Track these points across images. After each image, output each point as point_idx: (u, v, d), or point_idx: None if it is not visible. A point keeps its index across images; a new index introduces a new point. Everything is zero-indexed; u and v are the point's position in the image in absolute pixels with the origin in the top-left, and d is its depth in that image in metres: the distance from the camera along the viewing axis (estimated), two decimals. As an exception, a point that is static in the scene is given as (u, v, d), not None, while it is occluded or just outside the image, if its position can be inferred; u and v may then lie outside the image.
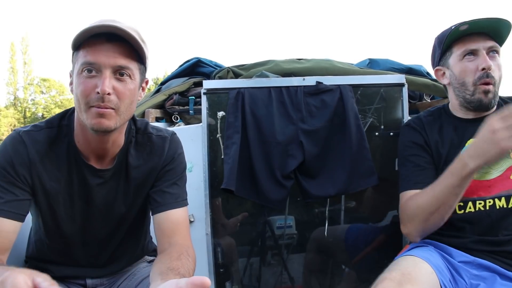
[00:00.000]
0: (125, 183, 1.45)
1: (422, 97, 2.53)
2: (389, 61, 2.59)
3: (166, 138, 1.49)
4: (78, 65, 1.23)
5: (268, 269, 2.29)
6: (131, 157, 1.44)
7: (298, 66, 2.35)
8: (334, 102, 2.09)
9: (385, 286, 1.32)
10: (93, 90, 1.22)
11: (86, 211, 1.43)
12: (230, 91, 2.11)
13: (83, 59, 1.22)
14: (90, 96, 1.22)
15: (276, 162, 2.07)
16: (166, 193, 1.45)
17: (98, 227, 1.47)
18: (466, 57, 1.63)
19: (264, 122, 2.09)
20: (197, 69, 2.61)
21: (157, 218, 1.43)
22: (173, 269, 1.21)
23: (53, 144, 1.35)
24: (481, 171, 1.58)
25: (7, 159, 1.29)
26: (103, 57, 1.22)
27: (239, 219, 2.26)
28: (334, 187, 2.07)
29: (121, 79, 1.26)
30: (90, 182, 1.39)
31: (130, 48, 1.27)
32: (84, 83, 1.23)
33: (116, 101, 1.25)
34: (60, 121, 1.39)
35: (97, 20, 1.27)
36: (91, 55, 1.22)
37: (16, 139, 1.32)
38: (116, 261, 1.57)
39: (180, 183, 1.50)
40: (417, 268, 1.42)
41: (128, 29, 1.24)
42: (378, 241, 2.21)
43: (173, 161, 1.49)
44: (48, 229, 1.43)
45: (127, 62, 1.26)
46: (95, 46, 1.22)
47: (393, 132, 2.17)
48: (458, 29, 1.61)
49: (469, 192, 1.56)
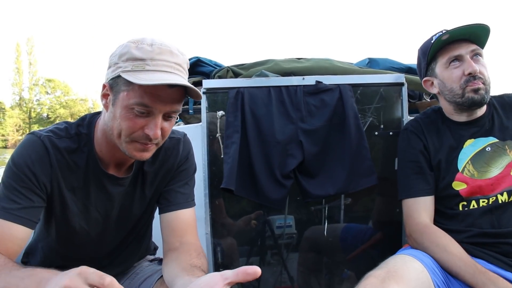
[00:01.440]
0: (142, 190, 1.43)
1: (422, 96, 2.50)
2: (388, 61, 2.57)
3: (179, 140, 1.48)
4: (131, 100, 1.16)
5: (267, 269, 2.27)
6: (147, 163, 1.42)
7: (298, 66, 2.33)
8: (334, 101, 2.07)
9: (367, 283, 1.32)
10: (141, 129, 1.19)
11: (101, 221, 1.39)
12: (230, 90, 2.09)
13: (139, 99, 1.15)
14: (136, 133, 1.19)
15: (276, 162, 2.05)
16: (178, 192, 1.45)
17: (112, 236, 1.45)
18: (452, 63, 1.66)
19: (264, 122, 2.07)
20: (196, 69, 2.57)
21: (167, 217, 1.42)
22: (196, 266, 1.21)
23: (72, 154, 1.30)
24: (481, 170, 1.61)
25: (28, 164, 1.22)
26: (161, 103, 1.17)
27: (252, 217, 2.26)
28: (334, 187, 2.05)
29: (169, 119, 1.24)
30: (111, 191, 1.36)
31: (183, 92, 1.23)
32: (133, 120, 1.18)
33: (160, 139, 1.24)
34: (78, 129, 1.33)
35: (153, 47, 1.18)
36: (149, 99, 1.15)
37: (38, 144, 1.25)
38: (121, 262, 1.56)
39: (191, 183, 1.51)
40: (405, 266, 1.42)
41: (186, 76, 1.22)
42: (376, 240, 2.20)
43: (186, 161, 1.49)
44: (60, 238, 1.39)
45: (179, 106, 1.23)
46: (155, 90, 1.15)
47: (392, 132, 2.16)
48: (440, 39, 1.64)
49: (473, 192, 1.60)
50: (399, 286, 1.30)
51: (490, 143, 1.65)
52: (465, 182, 1.62)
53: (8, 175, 1.22)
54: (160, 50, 1.17)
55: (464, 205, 1.62)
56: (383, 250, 1.69)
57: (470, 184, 1.61)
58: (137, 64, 1.15)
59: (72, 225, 1.35)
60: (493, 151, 1.63)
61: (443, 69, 1.69)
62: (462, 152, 1.66)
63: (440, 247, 1.51)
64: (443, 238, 1.54)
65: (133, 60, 1.16)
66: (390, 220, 2.23)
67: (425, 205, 1.65)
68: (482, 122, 1.69)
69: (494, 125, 1.68)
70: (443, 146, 1.69)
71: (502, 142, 1.64)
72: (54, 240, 1.41)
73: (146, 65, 1.15)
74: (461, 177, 1.63)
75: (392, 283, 1.30)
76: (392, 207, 2.19)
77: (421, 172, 1.69)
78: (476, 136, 1.67)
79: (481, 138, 1.66)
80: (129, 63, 1.16)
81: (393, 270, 1.38)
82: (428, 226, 1.60)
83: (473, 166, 1.63)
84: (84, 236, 1.39)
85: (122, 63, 1.17)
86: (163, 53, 1.18)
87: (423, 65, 1.76)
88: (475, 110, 1.68)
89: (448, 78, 1.67)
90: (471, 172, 1.62)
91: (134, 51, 1.16)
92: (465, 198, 1.61)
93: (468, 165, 1.63)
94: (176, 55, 1.21)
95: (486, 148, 1.64)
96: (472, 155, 1.64)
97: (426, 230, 1.59)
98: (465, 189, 1.61)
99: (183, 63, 1.22)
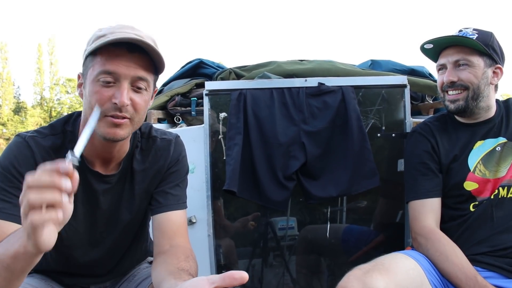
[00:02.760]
0: (130, 188, 1.41)
1: (424, 98, 2.49)
2: (391, 62, 2.55)
3: (171, 141, 1.46)
4: (95, 72, 1.17)
5: (270, 270, 2.26)
6: (136, 162, 1.40)
7: (300, 67, 2.31)
8: (336, 103, 2.05)
9: (351, 274, 1.34)
10: (109, 99, 1.17)
11: (90, 219, 1.38)
12: (232, 92, 2.08)
13: (102, 67, 1.16)
14: (106, 105, 1.17)
15: (278, 163, 2.04)
16: (168, 194, 1.42)
17: (102, 236, 1.42)
18: (440, 71, 1.72)
19: (266, 123, 2.06)
20: (199, 71, 2.59)
21: (158, 219, 1.40)
22: (183, 269, 1.18)
23: (57, 151, 1.28)
24: (492, 170, 1.61)
25: (12, 163, 1.23)
26: (123, 67, 1.17)
27: (249, 219, 2.24)
28: (336, 188, 2.03)
29: (138, 91, 1.21)
30: (96, 188, 1.35)
31: (150, 60, 1.22)
32: (100, 92, 1.17)
33: (132, 112, 1.21)
34: (64, 126, 1.33)
35: (115, 25, 1.22)
36: (111, 64, 1.16)
37: (21, 144, 1.26)
38: (119, 266, 1.54)
39: (182, 185, 1.48)
40: (393, 261, 1.43)
41: (149, 41, 1.19)
42: (378, 242, 2.18)
43: (177, 163, 1.46)
44: None
45: (146, 74, 1.22)
46: (115, 55, 1.16)
47: (395, 133, 2.13)
48: (423, 47, 1.72)
49: (487, 192, 1.61)
50: (382, 278, 1.31)
51: (500, 143, 1.64)
52: (477, 182, 1.61)
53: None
54: (122, 26, 1.20)
55: (476, 204, 1.61)
56: (385, 252, 1.67)
57: (481, 184, 1.60)
58: (98, 40, 1.17)
59: None
60: (502, 151, 1.62)
61: (438, 75, 1.75)
62: (472, 153, 1.65)
63: (443, 256, 1.50)
64: (447, 246, 1.52)
65: (95, 39, 1.18)
66: (392, 222, 2.20)
67: (431, 208, 1.63)
68: (492, 123, 1.69)
69: (503, 125, 1.67)
70: (454, 147, 1.68)
71: (511, 142, 1.64)
72: None
73: (106, 36, 1.16)
74: (473, 177, 1.62)
75: (376, 274, 1.31)
76: (394, 209, 2.16)
77: (428, 174, 1.67)
78: (486, 137, 1.66)
79: (491, 139, 1.66)
80: (93, 44, 1.18)
81: (380, 263, 1.39)
82: (433, 231, 1.58)
83: (484, 166, 1.62)
84: (72, 234, 1.36)
85: (87, 46, 1.20)
86: (125, 28, 1.19)
87: None
88: (471, 115, 1.69)
89: (437, 83, 1.74)
90: (482, 172, 1.62)
91: (97, 33, 1.20)
92: (478, 199, 1.60)
93: (480, 165, 1.62)
94: (139, 30, 1.21)
95: (496, 148, 1.63)
96: (482, 155, 1.64)
97: (431, 236, 1.57)
98: (477, 189, 1.60)
99: (146, 36, 1.20)
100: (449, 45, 1.66)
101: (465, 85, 1.63)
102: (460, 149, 1.67)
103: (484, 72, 1.62)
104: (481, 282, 1.40)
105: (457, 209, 1.64)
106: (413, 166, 1.73)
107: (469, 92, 1.63)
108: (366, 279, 1.30)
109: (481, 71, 1.62)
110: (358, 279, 1.31)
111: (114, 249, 1.48)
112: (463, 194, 1.62)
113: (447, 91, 1.67)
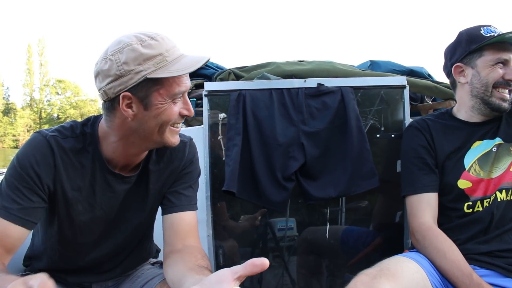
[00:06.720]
0: (145, 187, 1.42)
1: (424, 99, 2.47)
2: (390, 63, 2.53)
3: (186, 143, 1.47)
4: (170, 94, 1.20)
5: (269, 271, 2.23)
6: (152, 163, 1.41)
7: (299, 68, 2.28)
8: (335, 104, 2.03)
9: (358, 280, 1.32)
10: (177, 113, 1.24)
11: (106, 218, 1.39)
12: (231, 93, 2.05)
13: (177, 89, 1.20)
14: (175, 118, 1.25)
15: (277, 164, 2.01)
16: (181, 194, 1.44)
17: (114, 235, 1.43)
18: (498, 64, 1.62)
19: (265, 124, 2.03)
20: (198, 71, 2.52)
21: (170, 218, 1.41)
22: (202, 266, 1.21)
23: (78, 153, 1.30)
24: (486, 170, 1.60)
25: (32, 165, 1.22)
26: (187, 83, 1.24)
27: (257, 216, 2.23)
28: (336, 189, 2.00)
29: None
30: (117, 188, 1.36)
31: None
32: (172, 109, 1.22)
33: None
34: (83, 128, 1.33)
35: (160, 40, 1.21)
36: (182, 85, 1.22)
37: (43, 143, 1.25)
38: (124, 265, 1.54)
39: (194, 186, 1.49)
40: (398, 265, 1.42)
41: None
42: (377, 244, 2.15)
43: (191, 164, 1.48)
44: (63, 238, 1.38)
45: None
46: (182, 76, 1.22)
47: (394, 134, 2.11)
48: (504, 36, 1.59)
49: (479, 192, 1.59)
50: (390, 284, 1.30)
51: (496, 143, 1.63)
52: (471, 181, 1.60)
53: (12, 173, 1.23)
54: (162, 39, 1.20)
55: (470, 205, 1.59)
56: (384, 254, 1.66)
57: (475, 183, 1.59)
58: (158, 61, 1.16)
59: (75, 224, 1.34)
60: (498, 152, 1.62)
61: (487, 66, 1.63)
62: (469, 152, 1.64)
63: (440, 253, 1.49)
64: (443, 243, 1.51)
65: (150, 59, 1.16)
66: (391, 223, 2.19)
67: (428, 203, 1.62)
68: (491, 124, 1.67)
69: (501, 126, 1.66)
70: (451, 144, 1.66)
71: (507, 143, 1.63)
72: (56, 241, 1.40)
73: (165, 58, 1.18)
74: (467, 175, 1.61)
75: (383, 280, 1.30)
76: (393, 210, 2.14)
77: (425, 168, 1.66)
78: (484, 138, 1.65)
79: (489, 140, 1.65)
80: (148, 63, 1.16)
81: (386, 268, 1.37)
82: (430, 228, 1.57)
83: (480, 166, 1.61)
84: (87, 235, 1.38)
85: (139, 67, 1.16)
86: (165, 40, 1.21)
87: (462, 50, 1.69)
88: (493, 114, 1.66)
89: (488, 75, 1.62)
90: (477, 171, 1.61)
91: (147, 51, 1.16)
92: (471, 199, 1.59)
93: (475, 165, 1.62)
94: (168, 37, 1.25)
95: (493, 148, 1.63)
96: (479, 155, 1.63)
97: (429, 233, 1.56)
98: (470, 188, 1.60)
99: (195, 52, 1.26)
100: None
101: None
102: (457, 147, 1.65)
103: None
104: (476, 280, 1.39)
105: (451, 209, 1.63)
106: (409, 159, 1.71)
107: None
108: (374, 285, 1.28)
109: None
110: (366, 285, 1.29)
111: (123, 247, 1.48)
112: (456, 192, 1.61)
113: (499, 88, 1.62)
